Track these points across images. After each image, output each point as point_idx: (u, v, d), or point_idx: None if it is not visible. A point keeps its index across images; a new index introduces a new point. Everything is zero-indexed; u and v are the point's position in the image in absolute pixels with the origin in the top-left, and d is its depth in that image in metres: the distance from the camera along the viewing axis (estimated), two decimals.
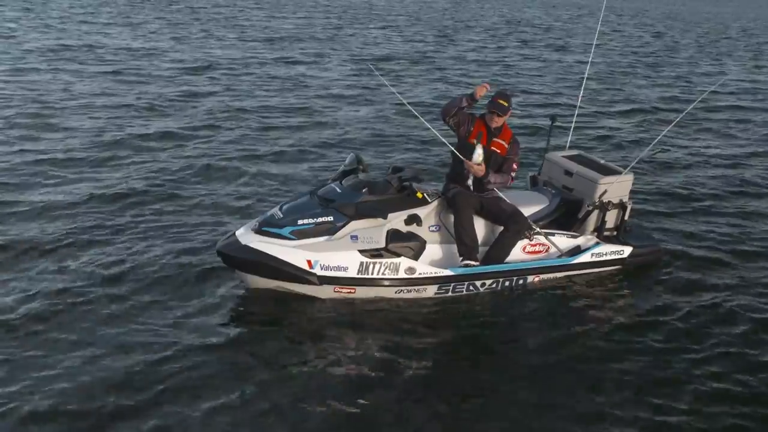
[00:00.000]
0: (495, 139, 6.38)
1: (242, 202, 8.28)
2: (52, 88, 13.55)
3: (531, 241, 6.65)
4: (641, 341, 5.88)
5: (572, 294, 6.64)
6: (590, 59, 8.56)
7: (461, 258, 6.26)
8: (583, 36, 32.26)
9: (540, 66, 21.65)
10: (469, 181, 6.34)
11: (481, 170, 6.19)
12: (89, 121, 11.37)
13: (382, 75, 9.12)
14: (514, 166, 6.48)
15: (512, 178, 6.50)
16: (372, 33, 27.56)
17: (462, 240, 6.24)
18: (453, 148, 6.44)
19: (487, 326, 6.04)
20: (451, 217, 6.35)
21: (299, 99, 14.35)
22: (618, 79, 20.03)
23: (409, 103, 6.84)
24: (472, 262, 6.23)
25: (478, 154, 6.15)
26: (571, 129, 7.93)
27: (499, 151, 6.38)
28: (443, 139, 6.54)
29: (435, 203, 6.33)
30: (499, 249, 6.41)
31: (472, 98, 6.23)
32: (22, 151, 9.54)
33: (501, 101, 6.30)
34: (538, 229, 6.60)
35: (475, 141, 6.27)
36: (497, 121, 6.33)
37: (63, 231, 7.09)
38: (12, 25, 21.73)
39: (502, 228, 6.45)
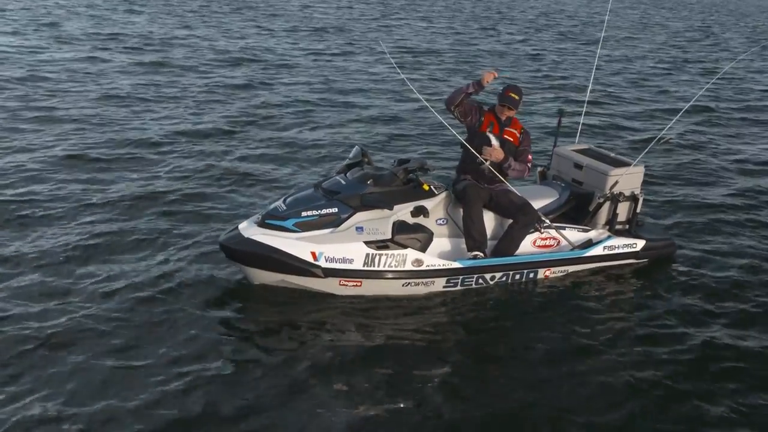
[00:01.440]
0: (507, 129, 6.30)
1: (245, 195, 8.16)
2: (82, 76, 13.75)
3: (541, 234, 6.52)
4: (652, 336, 5.72)
5: (583, 288, 6.49)
6: (597, 52, 8.44)
7: (469, 253, 6.12)
8: (622, 29, 31.59)
9: (561, 58, 21.44)
10: (487, 164, 6.17)
11: (500, 153, 6.10)
12: (112, 112, 11.44)
13: (399, 64, 8.99)
14: (529, 157, 6.40)
15: (529, 169, 6.41)
16: (412, 24, 27.38)
17: (470, 234, 6.10)
18: (462, 140, 6.32)
19: (496, 320, 5.88)
20: (459, 211, 6.24)
21: (313, 90, 14.24)
22: (634, 71, 19.84)
23: (426, 99, 6.68)
24: (480, 254, 6.08)
25: (494, 141, 6.10)
26: (580, 123, 7.79)
27: (511, 139, 6.30)
28: (452, 130, 6.41)
29: (442, 195, 6.20)
30: (508, 242, 6.26)
31: (479, 84, 6.08)
32: (43, 142, 9.53)
33: (512, 95, 6.20)
34: (548, 222, 6.45)
35: (488, 130, 6.19)
36: (508, 113, 6.26)
37: (66, 226, 6.99)
38: (58, 11, 22.05)
39: (511, 221, 6.32)
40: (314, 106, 12.93)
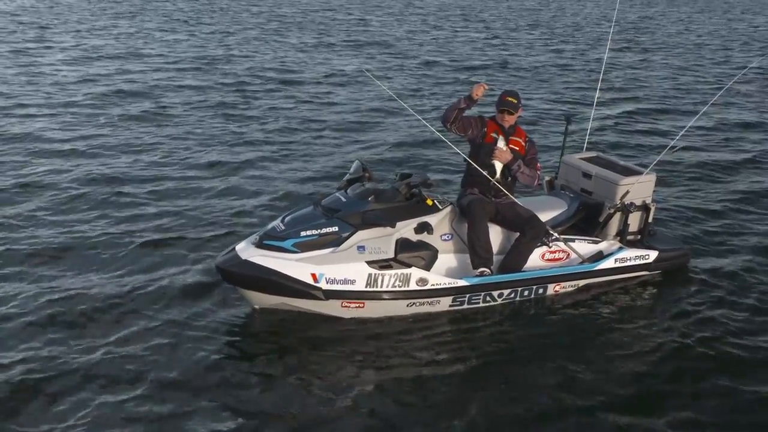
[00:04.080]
0: (512, 138, 6.15)
1: (242, 214, 7.94)
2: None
3: (550, 247, 6.30)
4: (668, 352, 5.50)
5: (595, 303, 6.26)
6: (605, 57, 8.21)
7: (475, 270, 5.92)
8: (634, 32, 30.89)
9: (568, 63, 21.07)
10: (497, 174, 6.05)
11: (508, 154, 5.98)
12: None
13: (381, 77, 8.78)
14: (538, 165, 6.26)
15: (538, 177, 6.28)
16: (464, 36, 26.97)
17: (476, 250, 5.89)
18: (465, 156, 6.14)
19: (505, 340, 5.67)
20: (465, 225, 6.03)
21: (317, 104, 14.02)
22: (641, 74, 19.44)
23: (424, 117, 6.51)
24: (487, 271, 5.87)
25: (500, 142, 6.00)
26: (588, 129, 7.57)
27: (517, 149, 6.14)
28: (454, 147, 6.22)
29: (446, 210, 6.00)
30: (515, 256, 6.05)
31: (470, 99, 5.91)
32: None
33: (510, 99, 6.08)
34: (557, 235, 6.23)
35: (494, 135, 6.06)
36: (509, 120, 6.10)
37: (61, 238, 6.92)
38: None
39: (518, 234, 6.10)
40: (315, 120, 12.70)
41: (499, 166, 6.09)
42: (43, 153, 9.91)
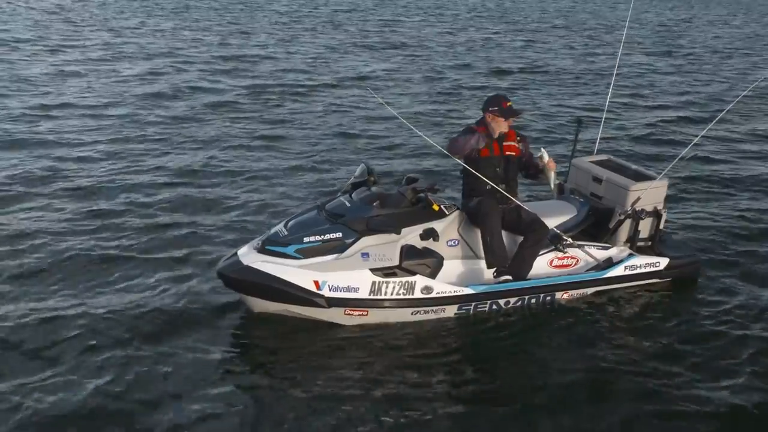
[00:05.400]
0: (505, 143, 6.03)
1: (245, 218, 7.84)
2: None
3: (558, 254, 6.17)
4: (679, 364, 5.37)
5: (604, 311, 6.13)
6: (618, 58, 8.04)
7: (495, 273, 5.83)
8: (649, 33, 30.38)
9: (580, 64, 20.69)
10: (551, 183, 6.07)
11: (553, 162, 6.02)
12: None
13: (380, 96, 8.60)
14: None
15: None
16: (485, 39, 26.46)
17: (492, 248, 5.78)
18: (470, 168, 5.97)
19: (511, 349, 5.56)
20: (471, 231, 5.94)
21: (322, 107, 13.87)
22: (654, 76, 19.08)
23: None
24: (510, 278, 5.79)
25: (545, 156, 5.98)
26: (599, 132, 7.42)
27: (514, 153, 6.05)
28: (459, 160, 6.09)
29: (453, 216, 5.88)
30: (520, 261, 5.91)
31: (488, 137, 5.90)
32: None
33: (510, 103, 5.97)
34: (570, 240, 6.10)
35: (540, 150, 6.03)
36: (509, 123, 5.99)
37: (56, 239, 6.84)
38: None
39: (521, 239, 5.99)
40: (322, 123, 12.55)
41: (552, 175, 6.03)
42: (58, 154, 9.85)
